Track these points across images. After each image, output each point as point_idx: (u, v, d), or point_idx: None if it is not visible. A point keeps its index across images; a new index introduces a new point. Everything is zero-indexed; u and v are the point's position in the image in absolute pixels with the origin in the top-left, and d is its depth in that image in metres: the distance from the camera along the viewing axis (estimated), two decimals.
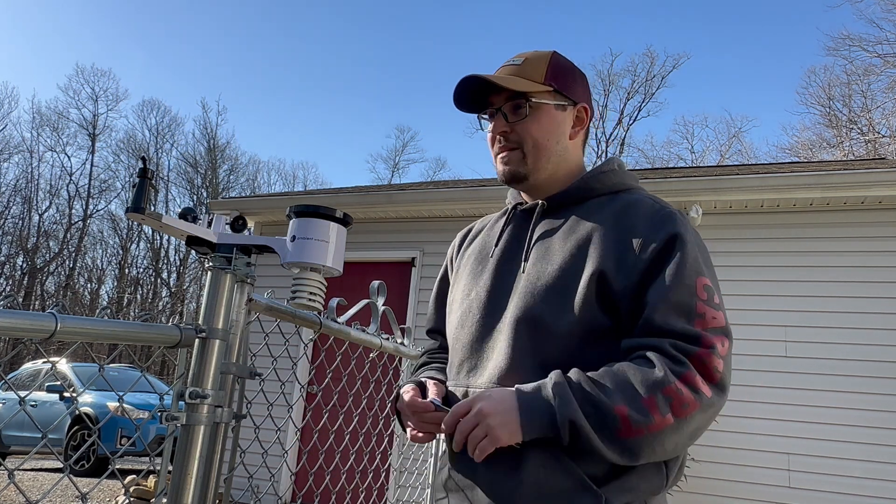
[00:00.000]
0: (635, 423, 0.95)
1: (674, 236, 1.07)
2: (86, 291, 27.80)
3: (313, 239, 1.08)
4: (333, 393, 5.38)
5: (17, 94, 29.99)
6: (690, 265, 1.05)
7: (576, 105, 1.23)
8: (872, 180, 4.71)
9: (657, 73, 26.68)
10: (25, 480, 7.38)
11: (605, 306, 1.06)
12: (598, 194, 1.20)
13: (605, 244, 1.09)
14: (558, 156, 1.21)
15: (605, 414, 0.96)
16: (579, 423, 0.96)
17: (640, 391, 0.96)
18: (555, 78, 1.20)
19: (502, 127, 1.20)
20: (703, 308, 1.03)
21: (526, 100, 1.18)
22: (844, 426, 4.61)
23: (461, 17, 44.27)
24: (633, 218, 1.11)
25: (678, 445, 0.99)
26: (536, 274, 1.12)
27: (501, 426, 0.99)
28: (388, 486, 5.01)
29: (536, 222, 1.20)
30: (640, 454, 0.98)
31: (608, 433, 0.96)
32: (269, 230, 6.76)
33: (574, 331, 1.06)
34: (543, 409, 0.99)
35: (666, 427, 0.96)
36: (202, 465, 1.04)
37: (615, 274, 1.06)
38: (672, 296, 1.02)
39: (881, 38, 19.46)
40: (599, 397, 0.97)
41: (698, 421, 0.98)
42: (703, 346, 1.00)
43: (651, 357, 1.00)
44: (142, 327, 0.98)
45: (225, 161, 30.74)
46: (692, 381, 0.98)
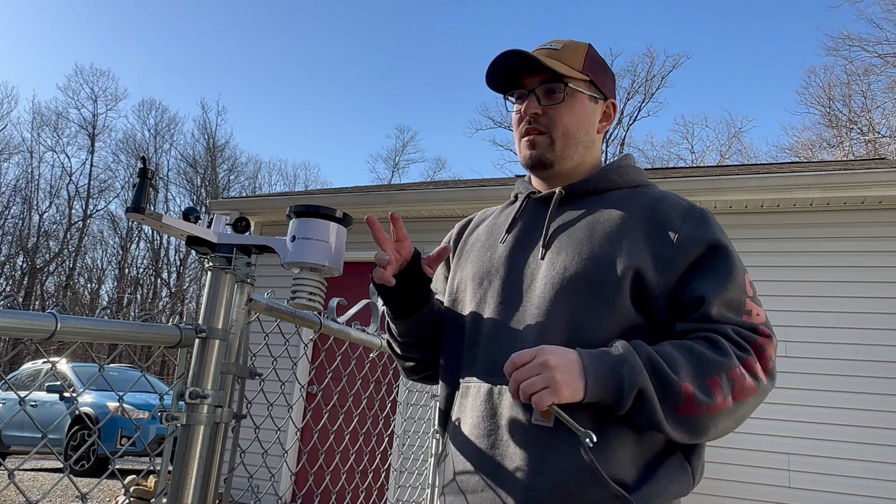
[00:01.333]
0: (698, 401, 0.95)
1: (716, 232, 1.08)
2: (86, 291, 27.81)
3: (313, 239, 1.08)
4: (333, 393, 5.38)
5: (16, 93, 29.96)
6: (738, 262, 1.06)
7: (606, 100, 1.22)
8: (872, 180, 4.71)
9: (657, 73, 26.69)
10: (25, 480, 7.38)
11: (639, 303, 1.05)
12: (618, 187, 1.18)
13: (639, 238, 1.07)
14: (585, 147, 1.19)
15: (671, 388, 0.95)
16: (648, 393, 0.95)
17: (706, 371, 0.96)
18: (591, 69, 1.18)
19: (534, 108, 1.16)
20: (750, 305, 1.04)
21: (564, 84, 1.15)
22: (844, 426, 4.61)
23: (461, 18, 44.29)
24: (665, 213, 1.09)
25: (727, 428, 1.00)
26: (564, 264, 1.08)
27: (566, 382, 0.94)
28: (388, 486, 5.01)
29: (554, 210, 1.16)
30: (694, 432, 0.97)
31: (671, 406, 0.96)
32: (269, 230, 6.76)
33: (609, 327, 1.04)
34: (610, 374, 0.96)
35: (724, 409, 0.96)
36: (202, 465, 1.04)
37: (651, 270, 1.04)
38: (726, 293, 1.02)
39: (881, 38, 19.47)
40: (666, 371, 0.96)
41: (750, 406, 1.00)
42: (761, 335, 1.02)
43: (716, 339, 1.00)
44: (142, 327, 0.98)
45: (225, 161, 30.76)
46: (753, 368, 0.99)
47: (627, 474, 0.99)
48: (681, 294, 1.04)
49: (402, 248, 1.13)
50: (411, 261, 1.14)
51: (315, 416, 5.67)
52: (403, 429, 5.30)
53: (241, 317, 1.13)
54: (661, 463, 1.01)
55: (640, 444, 1.01)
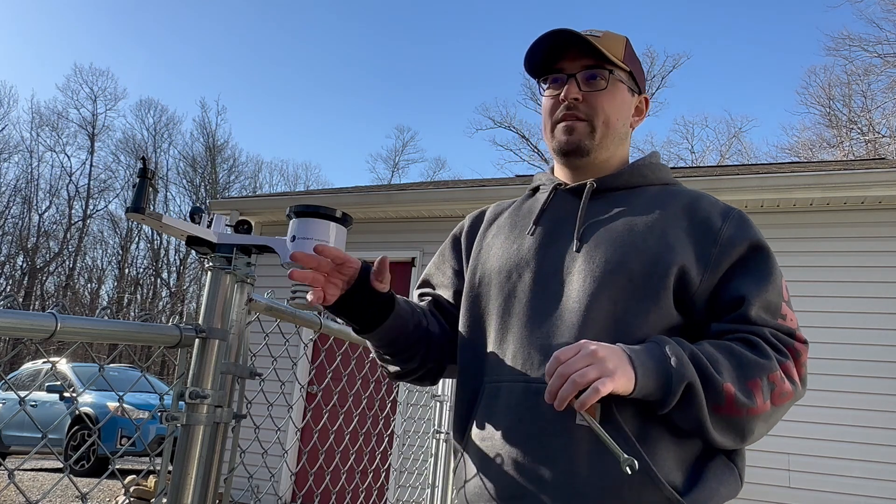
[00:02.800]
0: (738, 403, 0.93)
1: (757, 233, 1.07)
2: (86, 291, 27.81)
3: (313, 239, 1.08)
4: (333, 393, 5.38)
5: (15, 93, 29.93)
6: (776, 267, 1.06)
7: (640, 94, 1.20)
8: (872, 180, 4.72)
9: (657, 73, 26.67)
10: (25, 480, 7.38)
11: (680, 301, 1.03)
12: (650, 183, 1.15)
13: (681, 235, 1.05)
14: (620, 139, 1.16)
15: (714, 387, 0.93)
16: (696, 388, 0.92)
17: (748, 372, 0.95)
18: (631, 61, 1.16)
19: (575, 93, 1.12)
20: (786, 309, 1.03)
21: (609, 71, 1.12)
22: (844, 426, 4.61)
23: (461, 18, 44.30)
24: (706, 211, 1.08)
25: (762, 433, 0.99)
26: (604, 257, 1.04)
27: (620, 370, 0.89)
28: (388, 486, 5.01)
29: (587, 202, 1.12)
30: (733, 435, 0.96)
31: (713, 405, 0.94)
32: (269, 230, 6.76)
33: (649, 319, 1.01)
34: (658, 367, 0.93)
35: (763, 413, 0.95)
36: (202, 465, 1.04)
37: (695, 267, 1.03)
38: (766, 295, 1.01)
39: (881, 38, 19.48)
40: (709, 369, 0.94)
41: (784, 411, 0.99)
42: (798, 340, 1.01)
43: (755, 341, 0.98)
44: (142, 327, 0.98)
45: (225, 161, 30.76)
46: (790, 372, 0.98)
47: (675, 477, 0.96)
48: (720, 293, 1.03)
49: (344, 269, 1.05)
50: (359, 277, 1.06)
51: (315, 416, 5.67)
52: (403, 429, 5.30)
53: (241, 317, 1.13)
54: (707, 465, 1.00)
55: (681, 446, 0.98)
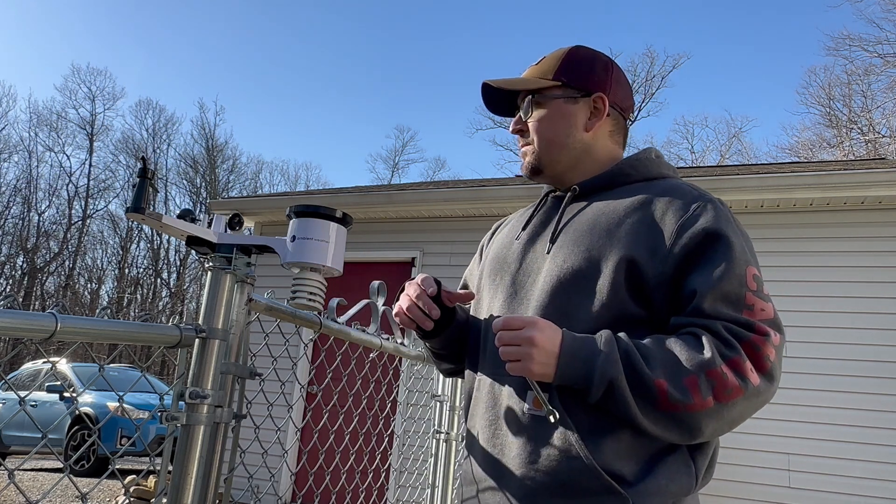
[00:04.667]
0: (673, 399, 0.94)
1: (717, 222, 1.04)
2: (86, 291, 27.81)
3: (313, 239, 1.08)
4: (333, 393, 5.38)
5: (14, 92, 29.91)
6: (739, 254, 1.02)
7: (590, 95, 1.20)
8: (872, 180, 4.71)
9: (657, 73, 26.70)
10: (25, 480, 7.38)
11: (637, 295, 1.04)
12: (633, 181, 1.17)
13: (638, 229, 1.06)
14: (573, 149, 1.20)
15: (644, 383, 0.94)
16: (618, 385, 0.95)
17: (684, 369, 0.94)
18: (566, 71, 1.20)
19: (516, 124, 1.24)
20: (752, 299, 1.00)
21: (532, 96, 1.21)
22: (844, 426, 4.61)
23: (461, 17, 44.29)
24: (669, 202, 1.08)
25: (716, 430, 0.97)
26: (563, 257, 1.10)
27: (539, 362, 0.97)
28: (388, 486, 5.01)
29: (566, 206, 1.18)
30: (678, 431, 0.96)
31: (644, 402, 0.95)
32: (269, 230, 6.76)
33: (601, 318, 1.03)
34: (585, 361, 0.97)
35: (705, 409, 0.94)
36: (202, 465, 1.04)
37: (648, 260, 1.03)
38: (722, 285, 0.99)
39: (881, 38, 19.49)
40: (640, 365, 0.95)
41: (741, 408, 0.96)
42: (757, 333, 0.98)
43: (701, 335, 0.97)
44: (142, 327, 0.98)
45: (225, 161, 30.76)
46: (740, 367, 0.95)
47: (625, 467, 0.98)
48: (679, 287, 1.02)
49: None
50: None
51: (315, 416, 5.66)
52: (403, 429, 5.30)
53: (241, 317, 1.13)
54: (662, 459, 1.00)
55: (639, 438, 0.99)
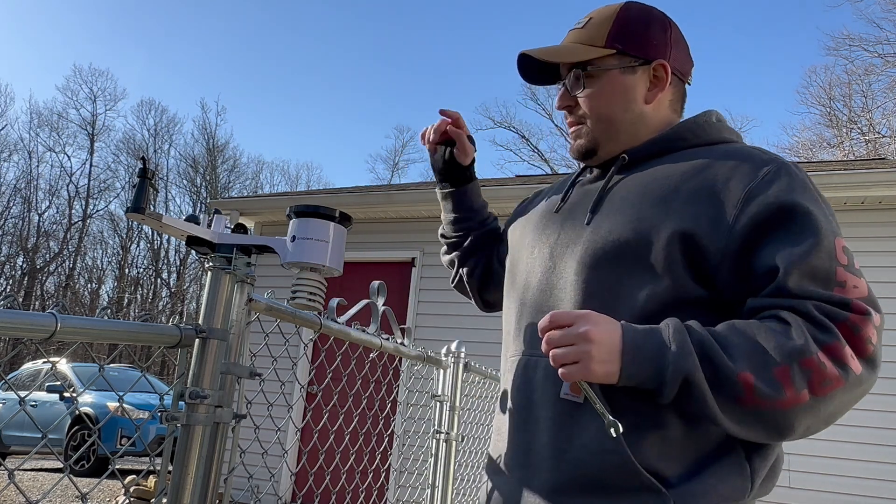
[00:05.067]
0: (761, 394, 0.81)
1: (793, 190, 0.89)
2: (86, 291, 27.81)
3: (313, 239, 1.08)
4: (333, 393, 5.38)
5: (12, 92, 29.90)
6: (824, 223, 0.87)
7: (650, 63, 1.06)
8: (872, 180, 4.71)
9: None
10: (25, 480, 7.38)
11: (696, 272, 0.91)
12: (691, 145, 1.03)
13: (697, 197, 0.92)
14: (632, 124, 1.06)
15: (726, 378, 0.82)
16: (696, 381, 0.82)
17: (772, 359, 0.81)
18: (621, 37, 1.05)
19: (566, 101, 1.10)
20: (844, 275, 0.85)
21: (583, 69, 1.06)
22: (844, 426, 4.61)
23: (461, 17, 44.29)
24: (734, 167, 0.93)
25: (810, 428, 0.85)
26: (609, 228, 0.97)
27: (601, 360, 0.84)
28: (388, 486, 5.01)
29: (613, 175, 1.05)
30: (761, 428, 0.84)
31: (727, 398, 0.82)
32: (269, 230, 6.77)
33: (655, 299, 0.92)
34: (653, 357, 0.84)
35: (799, 405, 0.81)
36: (202, 465, 1.04)
37: (709, 233, 0.90)
38: (808, 259, 0.84)
39: (881, 38, 19.48)
40: (720, 358, 0.82)
41: (840, 401, 0.83)
42: (856, 312, 0.83)
43: (789, 319, 0.84)
44: (142, 327, 0.98)
45: (225, 161, 30.76)
46: (839, 354, 0.82)
47: (669, 467, 0.89)
48: (751, 264, 0.88)
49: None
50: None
51: (315, 416, 5.66)
52: (403, 429, 5.30)
53: (241, 317, 1.12)
54: (713, 460, 0.89)
55: (692, 436, 0.89)
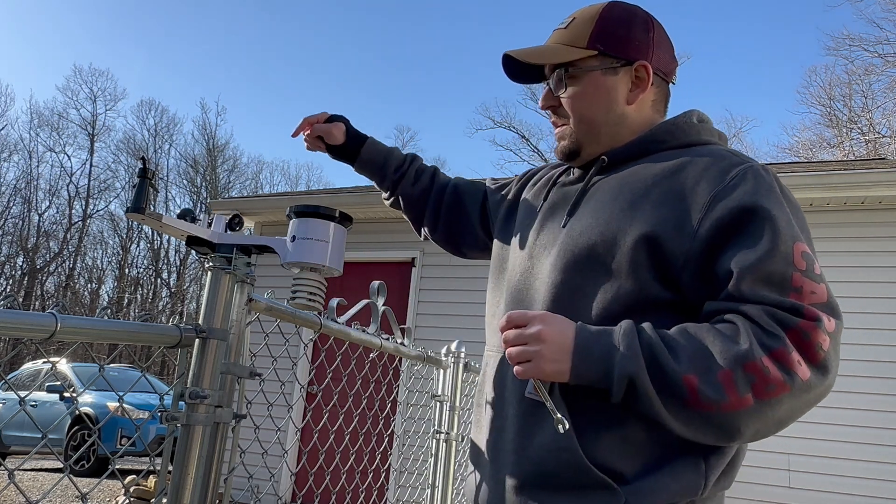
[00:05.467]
0: (705, 397, 0.83)
1: (757, 193, 0.90)
2: (86, 291, 27.81)
3: (313, 239, 1.08)
4: (333, 393, 5.38)
5: (13, 92, 29.95)
6: (784, 227, 0.88)
7: (632, 64, 1.06)
8: (872, 180, 4.71)
9: None
10: (25, 480, 7.38)
11: (661, 275, 0.93)
12: (668, 147, 1.04)
13: (665, 200, 0.94)
14: (613, 125, 1.07)
15: (670, 380, 0.84)
16: (640, 382, 0.85)
17: (716, 363, 0.83)
18: (602, 38, 1.05)
19: (549, 101, 1.11)
20: (800, 280, 0.86)
21: (565, 70, 1.07)
22: (844, 426, 4.61)
23: (461, 17, 44.29)
24: (703, 171, 0.95)
25: (759, 431, 0.85)
26: (580, 231, 1.00)
27: (551, 359, 0.89)
28: (388, 486, 5.01)
29: (592, 177, 1.07)
30: (708, 430, 0.85)
31: (672, 400, 0.84)
32: (269, 230, 6.76)
33: (622, 301, 0.94)
34: (602, 358, 0.87)
35: (743, 408, 0.82)
36: (202, 465, 1.04)
37: (674, 236, 0.91)
38: (764, 265, 0.86)
39: (881, 38, 19.46)
40: (666, 360, 0.85)
41: (788, 406, 0.84)
42: (806, 318, 0.84)
43: (738, 323, 0.85)
44: (142, 327, 0.98)
45: (226, 161, 30.75)
46: (784, 359, 0.82)
47: (627, 465, 0.91)
48: (713, 268, 0.90)
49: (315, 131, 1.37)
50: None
51: (315, 416, 5.66)
52: (403, 429, 5.30)
53: (241, 317, 1.12)
54: (668, 457, 0.92)
55: (652, 435, 0.91)
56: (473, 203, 1.38)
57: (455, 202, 1.39)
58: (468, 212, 1.38)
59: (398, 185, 1.39)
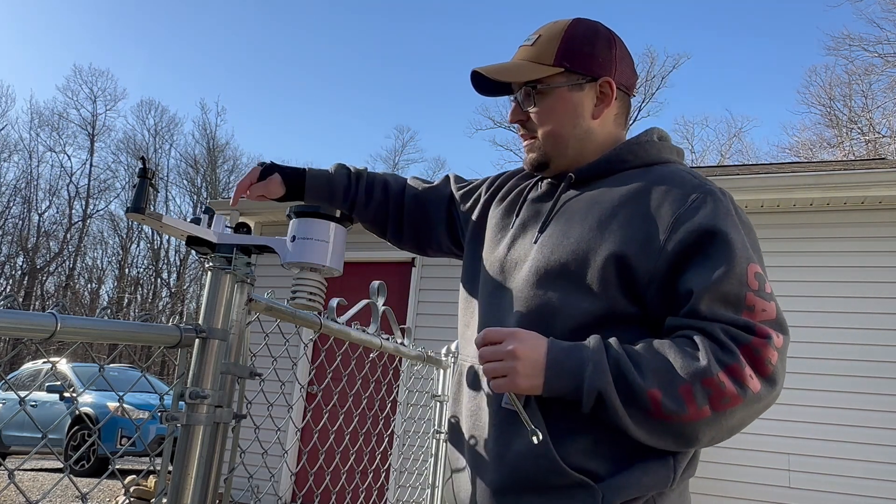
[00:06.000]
0: (667, 409, 0.90)
1: (716, 216, 0.97)
2: (86, 291, 27.81)
3: (313, 239, 1.08)
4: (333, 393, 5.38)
5: (13, 92, 29.95)
6: (739, 250, 0.95)
7: (597, 80, 1.11)
8: (872, 180, 4.72)
9: (657, 73, 26.65)
10: (25, 480, 7.38)
11: (628, 292, 0.99)
12: (632, 166, 1.09)
13: (631, 221, 1.00)
14: (579, 139, 1.12)
15: (636, 393, 0.91)
16: (608, 396, 0.91)
17: (678, 377, 0.90)
18: (568, 55, 1.10)
19: (517, 115, 1.15)
20: (753, 299, 0.94)
21: (533, 87, 1.11)
22: (844, 426, 4.61)
23: (461, 17, 44.29)
24: (666, 193, 1.01)
25: (714, 438, 0.93)
26: (551, 248, 1.05)
27: (525, 375, 0.94)
28: (388, 486, 5.01)
29: (561, 194, 1.12)
30: (668, 438, 0.93)
31: (637, 412, 0.91)
32: (269, 230, 6.77)
33: (591, 315, 0.99)
34: (572, 372, 0.94)
35: (702, 419, 0.90)
36: (202, 465, 1.04)
37: (640, 256, 0.97)
38: (720, 286, 0.93)
39: (881, 37, 19.48)
40: (632, 375, 0.91)
41: (741, 416, 0.92)
42: (758, 336, 0.92)
43: (697, 340, 0.92)
44: (142, 327, 0.98)
45: (226, 161, 30.75)
46: (738, 374, 0.90)
47: (600, 465, 0.97)
48: (674, 286, 0.96)
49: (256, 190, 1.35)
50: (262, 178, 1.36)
51: (315, 416, 5.67)
52: (403, 429, 5.30)
53: (241, 317, 1.12)
54: (642, 457, 0.97)
55: (620, 439, 0.96)
56: (437, 212, 1.40)
57: (418, 214, 1.41)
58: (433, 222, 1.40)
59: (352, 211, 1.41)
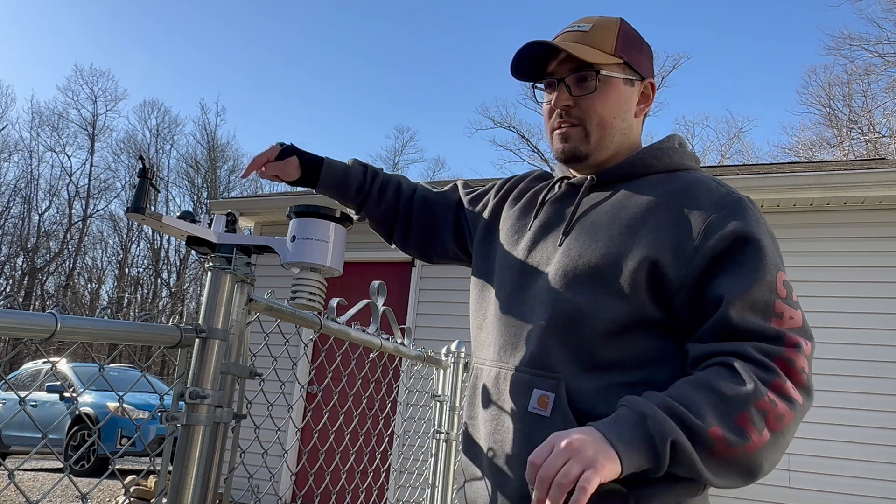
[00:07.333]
0: (731, 444, 0.85)
1: (748, 224, 0.97)
2: (86, 291, 27.80)
3: (313, 239, 1.08)
4: (333, 393, 5.38)
5: (13, 92, 29.99)
6: (770, 258, 0.95)
7: (643, 80, 1.13)
8: (872, 180, 4.71)
9: (657, 73, 26.59)
10: (25, 480, 7.38)
11: (657, 297, 0.97)
12: (655, 171, 1.09)
13: (661, 227, 0.99)
14: (622, 134, 1.11)
15: (699, 436, 0.85)
16: (681, 441, 0.84)
17: (732, 408, 0.86)
18: (625, 49, 1.10)
19: (566, 100, 1.10)
20: (781, 307, 0.93)
21: (596, 72, 1.08)
22: (844, 426, 4.61)
23: (461, 17, 44.30)
24: (695, 200, 1.00)
25: (773, 463, 0.90)
26: (578, 251, 1.03)
27: (602, 456, 0.82)
28: (388, 486, 5.01)
29: (584, 196, 1.10)
30: (735, 475, 0.88)
31: (702, 454, 0.86)
32: (269, 230, 6.76)
33: (619, 319, 0.97)
34: (636, 433, 0.85)
35: (764, 444, 0.86)
36: (202, 465, 1.04)
37: (672, 261, 0.96)
38: (751, 292, 0.92)
39: (881, 37, 19.48)
40: (689, 418, 0.85)
41: (792, 431, 0.89)
42: (788, 346, 0.90)
43: (736, 366, 0.89)
44: (142, 327, 0.98)
45: (226, 161, 30.75)
46: (783, 389, 0.88)
47: None
48: (704, 292, 0.95)
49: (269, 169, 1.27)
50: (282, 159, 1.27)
51: (315, 416, 5.67)
52: (403, 429, 5.31)
53: (241, 317, 1.12)
54: None
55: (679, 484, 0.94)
56: (445, 217, 1.38)
57: (426, 218, 1.39)
58: (440, 226, 1.38)
59: (362, 207, 1.39)
